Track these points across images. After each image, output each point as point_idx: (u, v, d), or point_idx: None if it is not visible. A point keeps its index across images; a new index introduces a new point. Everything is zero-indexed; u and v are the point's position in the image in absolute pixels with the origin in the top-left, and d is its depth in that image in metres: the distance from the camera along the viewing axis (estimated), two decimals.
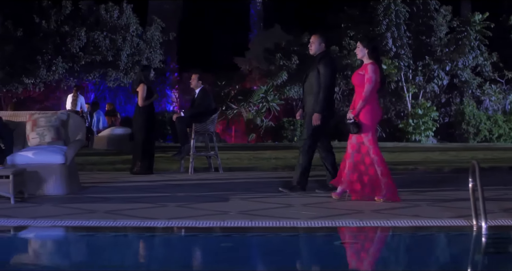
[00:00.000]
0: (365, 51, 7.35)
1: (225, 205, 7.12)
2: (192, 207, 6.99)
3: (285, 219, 6.20)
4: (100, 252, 5.11)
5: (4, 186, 7.12)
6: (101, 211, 6.65)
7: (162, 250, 5.21)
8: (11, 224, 5.96)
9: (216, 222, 6.01)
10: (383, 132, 21.39)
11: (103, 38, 19.33)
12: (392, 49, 20.27)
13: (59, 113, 8.49)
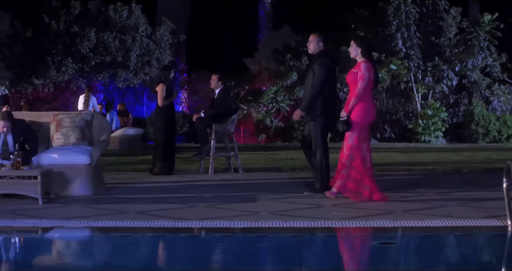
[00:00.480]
0: (359, 50, 7.38)
1: (254, 206, 7.10)
2: (221, 207, 6.96)
3: (319, 220, 6.18)
4: (140, 253, 5.09)
5: (32, 187, 7.11)
6: (132, 212, 6.63)
7: (201, 251, 5.18)
8: (45, 225, 5.94)
9: (251, 223, 5.99)
10: (392, 133, 21.36)
11: (113, 39, 19.28)
12: (402, 49, 20.24)
13: (83, 114, 8.47)
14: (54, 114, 8.48)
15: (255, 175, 10.14)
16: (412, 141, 20.26)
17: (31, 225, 5.93)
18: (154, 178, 9.78)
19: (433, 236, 5.82)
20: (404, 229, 5.93)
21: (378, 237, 5.86)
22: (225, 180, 9.54)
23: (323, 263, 4.84)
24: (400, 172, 10.71)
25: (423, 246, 5.60)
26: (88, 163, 7.80)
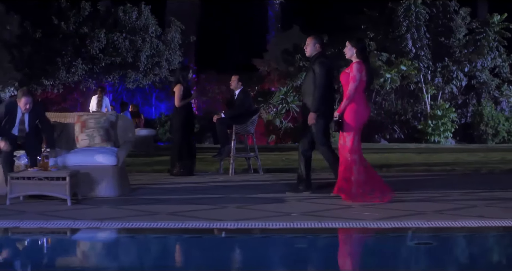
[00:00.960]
0: (354, 50, 7.35)
1: (284, 206, 7.07)
2: (252, 208, 6.94)
3: (352, 221, 6.15)
4: (180, 254, 5.07)
5: (60, 188, 7.08)
6: (164, 213, 6.60)
7: (240, 252, 5.16)
8: (80, 226, 5.90)
9: (286, 224, 5.96)
10: (401, 133, 21.36)
11: (123, 40, 19.27)
12: (412, 50, 20.24)
13: (108, 114, 8.45)
14: (78, 115, 8.46)
15: (276, 176, 10.12)
16: (422, 141, 20.28)
17: (66, 226, 5.89)
18: (175, 178, 9.76)
19: (470, 236, 5.80)
20: (440, 229, 5.90)
21: (415, 237, 5.84)
22: (247, 181, 9.52)
23: (365, 264, 4.82)
24: (420, 172, 10.69)
25: (461, 247, 5.58)
26: (114, 164, 7.78)
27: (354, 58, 7.37)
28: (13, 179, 7.09)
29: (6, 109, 7.70)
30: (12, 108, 7.72)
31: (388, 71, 19.79)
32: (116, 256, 5.06)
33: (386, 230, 5.82)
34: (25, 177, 7.10)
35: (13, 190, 7.09)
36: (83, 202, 7.32)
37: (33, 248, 5.34)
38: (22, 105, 7.64)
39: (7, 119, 7.61)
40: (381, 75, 19.90)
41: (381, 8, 20.99)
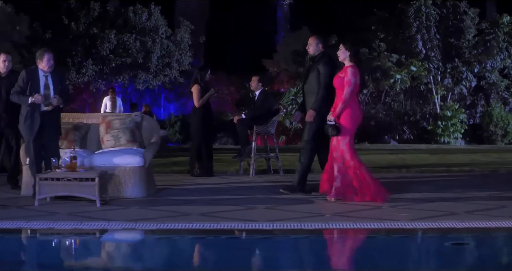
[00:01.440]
0: (347, 53, 7.35)
1: (313, 207, 7.05)
2: (282, 209, 6.92)
3: (387, 221, 6.13)
4: (223, 255, 5.04)
5: (89, 188, 7.05)
6: (195, 214, 6.58)
7: (280, 252, 5.14)
8: (116, 227, 5.87)
9: (321, 224, 5.94)
10: (410, 134, 21.34)
11: (133, 41, 19.26)
12: (422, 51, 20.24)
13: (133, 115, 8.41)
14: (103, 116, 8.45)
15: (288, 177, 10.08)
16: (431, 142, 20.27)
17: (101, 227, 5.87)
18: (196, 179, 9.74)
19: (506, 236, 5.79)
20: (474, 229, 5.88)
21: (450, 238, 5.82)
22: (269, 181, 9.48)
23: (407, 264, 4.80)
24: (440, 173, 10.68)
25: (498, 247, 5.57)
26: (141, 165, 7.76)
27: (347, 61, 7.37)
28: (41, 180, 7.06)
29: (27, 74, 7.49)
30: (33, 72, 7.52)
31: (398, 72, 19.79)
32: (156, 257, 5.03)
33: (423, 231, 5.81)
34: (54, 178, 7.07)
35: (42, 191, 7.06)
36: (111, 203, 7.29)
37: (76, 250, 5.32)
38: (45, 62, 7.45)
39: (31, 86, 7.39)
40: (391, 76, 19.90)
41: (391, 8, 20.98)
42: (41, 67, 7.47)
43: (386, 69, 19.75)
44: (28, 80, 7.39)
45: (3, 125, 8.40)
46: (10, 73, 8.49)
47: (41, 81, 7.46)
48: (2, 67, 8.46)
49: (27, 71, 7.56)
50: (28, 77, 7.42)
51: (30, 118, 7.35)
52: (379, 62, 19.89)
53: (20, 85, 7.42)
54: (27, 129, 7.37)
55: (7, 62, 8.47)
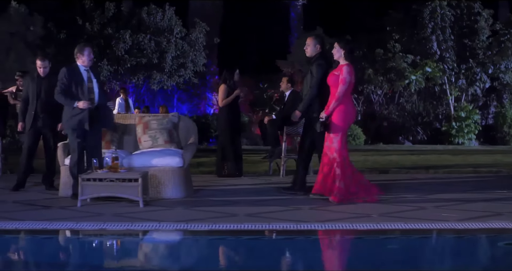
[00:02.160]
0: (342, 52, 7.34)
1: (357, 208, 7.02)
2: (327, 210, 6.91)
3: (437, 222, 6.12)
4: (286, 255, 5.04)
5: (132, 189, 7.03)
6: (242, 214, 6.56)
7: (339, 252, 5.14)
8: (169, 228, 5.84)
9: (373, 225, 5.93)
10: (424, 135, 21.34)
11: (148, 41, 19.23)
12: (437, 52, 20.24)
13: (170, 116, 8.40)
14: (140, 116, 8.43)
15: None
16: (445, 143, 20.27)
17: (153, 228, 5.85)
18: (226, 180, 9.70)
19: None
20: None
21: (503, 238, 5.81)
22: None
23: (465, 264, 4.80)
24: (468, 174, 10.65)
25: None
26: (180, 165, 7.73)
27: (342, 59, 7.37)
28: (84, 180, 7.04)
29: (68, 71, 7.45)
30: (73, 68, 7.49)
31: (413, 73, 19.79)
32: (219, 258, 5.02)
33: (474, 231, 5.80)
34: (97, 179, 7.05)
35: (84, 191, 7.04)
36: (152, 203, 7.27)
37: (136, 250, 5.31)
38: (85, 57, 7.43)
39: (75, 81, 7.35)
40: (406, 77, 19.89)
41: (406, 9, 20.97)
42: (81, 62, 7.47)
43: (401, 70, 19.74)
44: (70, 76, 7.38)
45: (40, 125, 8.35)
46: (49, 75, 8.47)
47: (84, 75, 7.45)
48: (40, 72, 8.44)
49: (67, 68, 7.56)
50: (69, 73, 7.41)
51: (75, 118, 7.34)
52: (394, 63, 19.87)
53: (63, 82, 7.39)
54: (72, 129, 7.36)
55: (42, 69, 8.41)
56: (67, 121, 7.44)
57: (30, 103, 8.36)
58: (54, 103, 8.19)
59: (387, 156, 13.82)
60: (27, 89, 8.48)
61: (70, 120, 7.39)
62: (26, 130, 8.40)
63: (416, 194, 8.12)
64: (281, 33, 24.48)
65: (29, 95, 8.39)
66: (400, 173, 10.68)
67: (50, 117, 8.30)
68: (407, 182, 9.45)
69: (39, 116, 8.32)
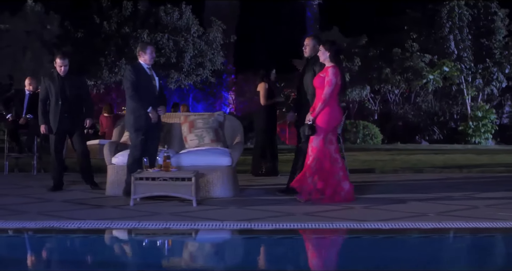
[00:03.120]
0: (327, 54, 7.31)
1: (410, 207, 7.03)
2: (381, 208, 6.92)
3: (498, 221, 6.11)
4: (360, 254, 5.04)
5: (186, 188, 7.03)
6: (299, 214, 6.57)
7: (406, 252, 5.15)
8: (232, 227, 5.84)
9: (435, 224, 5.93)
10: (440, 135, 21.36)
11: (167, 40, 19.21)
12: (454, 51, 20.26)
13: (216, 115, 8.40)
14: (185, 115, 8.44)
15: (360, 177, 10.08)
16: (461, 142, 20.30)
17: (218, 227, 5.84)
18: (265, 179, 9.73)
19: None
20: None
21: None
22: None
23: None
24: (502, 173, 10.69)
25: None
26: (229, 164, 7.74)
27: (327, 61, 7.34)
28: (137, 179, 7.04)
29: (134, 68, 7.44)
30: (138, 67, 7.48)
31: (430, 72, 19.81)
32: (292, 256, 5.02)
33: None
34: (150, 178, 7.05)
35: (137, 190, 7.04)
36: (204, 203, 7.26)
37: (207, 249, 5.31)
38: (148, 55, 7.44)
39: (141, 80, 7.35)
40: (424, 76, 19.92)
41: (423, 9, 21.00)
42: (143, 60, 7.47)
43: (418, 69, 19.77)
44: (137, 74, 7.38)
45: (66, 125, 8.26)
46: (70, 74, 8.40)
47: (148, 73, 7.45)
48: (60, 71, 8.33)
49: (133, 66, 7.57)
50: (135, 71, 7.41)
51: (140, 117, 7.35)
52: (411, 62, 19.90)
53: (132, 80, 7.38)
54: (136, 129, 7.37)
55: (62, 68, 8.30)
56: (132, 122, 7.42)
57: (54, 103, 8.26)
58: (78, 102, 8.23)
59: (412, 156, 13.84)
60: (46, 89, 8.34)
61: (136, 121, 7.38)
62: (52, 132, 8.29)
63: (460, 193, 8.14)
64: (297, 32, 24.47)
65: (51, 96, 8.28)
66: (434, 172, 10.70)
67: (75, 116, 8.29)
68: (446, 182, 9.47)
69: (64, 117, 8.23)
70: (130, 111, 7.48)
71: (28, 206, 7.16)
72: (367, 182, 9.40)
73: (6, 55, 20.88)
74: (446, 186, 8.86)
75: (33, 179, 9.83)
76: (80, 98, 8.34)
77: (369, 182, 9.42)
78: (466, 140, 20.32)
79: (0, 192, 8.22)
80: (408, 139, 20.65)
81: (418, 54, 19.82)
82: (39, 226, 5.85)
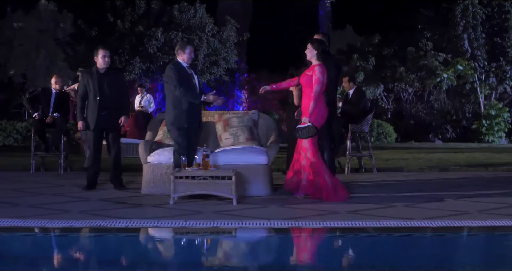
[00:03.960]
0: (314, 52, 7.37)
1: (449, 205, 7.04)
2: (423, 207, 6.93)
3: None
4: (407, 253, 5.06)
5: (226, 187, 7.04)
6: (343, 212, 6.58)
7: (455, 250, 5.16)
8: (280, 226, 5.84)
9: (482, 222, 5.95)
10: (453, 133, 21.37)
11: (181, 38, 19.21)
12: (468, 50, 20.28)
13: (250, 113, 8.41)
14: (219, 114, 8.44)
15: (390, 175, 10.10)
16: (475, 141, 20.31)
17: (267, 226, 5.84)
18: None
19: None
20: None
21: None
22: (368, 180, 9.47)
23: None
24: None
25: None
26: (265, 163, 7.74)
27: (314, 60, 7.40)
28: (177, 178, 7.05)
29: (175, 66, 7.43)
30: (179, 65, 7.48)
31: (444, 71, 19.83)
32: (348, 254, 5.04)
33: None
34: (190, 177, 7.06)
35: (177, 189, 7.05)
36: (242, 201, 7.26)
37: (266, 248, 5.33)
38: (187, 55, 7.46)
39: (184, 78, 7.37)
40: (438, 75, 19.93)
41: (436, 8, 21.01)
42: (182, 59, 7.49)
43: (432, 68, 19.78)
44: (179, 72, 7.38)
45: (104, 122, 8.19)
46: (109, 70, 8.34)
47: (188, 72, 7.48)
48: (102, 63, 8.21)
49: (174, 64, 7.54)
50: (177, 68, 7.41)
51: (182, 116, 7.35)
52: (425, 61, 19.91)
53: (178, 77, 7.36)
54: (178, 127, 7.37)
55: (107, 58, 8.23)
56: (174, 119, 7.41)
57: (92, 100, 8.18)
58: (116, 99, 8.20)
59: (432, 154, 13.84)
60: (85, 86, 8.25)
61: (177, 119, 7.38)
62: (90, 129, 8.24)
63: (494, 191, 8.14)
64: (310, 31, 24.47)
65: (89, 92, 8.21)
66: (461, 171, 10.71)
67: (113, 114, 8.22)
68: (476, 180, 9.46)
69: (102, 114, 8.17)
70: (172, 109, 7.46)
71: (67, 205, 7.17)
72: (399, 181, 9.41)
73: (20, 54, 20.95)
74: (477, 185, 8.86)
75: (62, 178, 9.85)
76: (118, 95, 8.28)
77: (401, 181, 9.42)
78: (480, 138, 20.34)
79: (36, 191, 8.23)
80: (422, 138, 20.68)
81: (433, 53, 19.82)
82: (86, 225, 5.87)
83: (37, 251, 5.15)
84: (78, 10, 20.22)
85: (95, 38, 19.39)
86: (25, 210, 6.78)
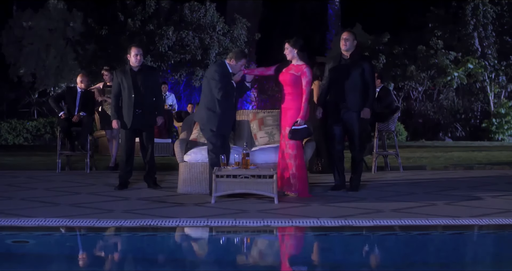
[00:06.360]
0: (294, 51, 7.40)
1: (488, 203, 7.07)
2: (462, 205, 6.97)
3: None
4: (447, 251, 5.10)
5: (267, 186, 7.06)
6: (387, 210, 6.60)
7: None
8: (330, 225, 5.87)
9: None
10: (463, 131, 21.44)
11: (192, 37, 19.22)
12: (478, 49, 20.35)
13: None
14: (254, 112, 8.46)
15: (417, 173, 10.13)
16: (485, 139, 20.38)
17: (317, 225, 5.85)
18: (322, 176, 9.75)
19: None
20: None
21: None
22: (397, 178, 9.50)
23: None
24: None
25: None
26: None
27: (295, 60, 7.43)
28: (218, 177, 7.06)
29: (222, 68, 7.43)
30: (223, 66, 7.49)
31: (455, 70, 19.89)
32: (404, 252, 5.07)
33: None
34: (231, 175, 7.07)
35: (219, 188, 7.07)
36: (281, 200, 7.25)
37: (325, 247, 5.36)
38: (238, 64, 7.45)
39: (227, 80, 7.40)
40: (448, 73, 19.99)
41: (447, 6, 21.08)
42: (229, 63, 7.47)
43: (443, 67, 19.84)
44: (223, 76, 7.38)
45: (138, 121, 8.15)
46: (142, 67, 8.32)
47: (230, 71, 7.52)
48: (134, 61, 8.15)
49: (220, 65, 7.53)
50: (222, 70, 7.40)
51: (222, 121, 7.37)
52: (436, 59, 19.96)
53: (221, 80, 7.36)
54: (223, 125, 7.39)
55: (139, 56, 8.18)
56: (207, 121, 7.42)
57: (127, 98, 8.12)
58: (150, 97, 8.19)
59: (450, 153, 13.89)
60: (118, 84, 8.20)
61: (210, 121, 7.39)
62: (126, 127, 8.20)
63: None
64: (319, 29, 24.53)
65: (123, 90, 8.16)
66: (485, 169, 10.75)
67: (147, 113, 8.20)
68: (505, 178, 9.50)
69: (136, 112, 8.13)
70: (206, 110, 7.43)
71: (107, 204, 7.16)
72: (428, 179, 9.44)
73: (29, 53, 20.90)
74: (509, 183, 8.92)
75: (89, 177, 9.82)
76: (153, 93, 8.27)
77: (430, 179, 9.45)
78: (490, 137, 20.42)
79: (70, 190, 8.23)
80: (432, 137, 20.75)
81: (443, 52, 19.87)
82: (136, 224, 5.86)
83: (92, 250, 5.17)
84: (88, 9, 20.18)
85: (105, 37, 19.38)
86: (68, 209, 6.77)
